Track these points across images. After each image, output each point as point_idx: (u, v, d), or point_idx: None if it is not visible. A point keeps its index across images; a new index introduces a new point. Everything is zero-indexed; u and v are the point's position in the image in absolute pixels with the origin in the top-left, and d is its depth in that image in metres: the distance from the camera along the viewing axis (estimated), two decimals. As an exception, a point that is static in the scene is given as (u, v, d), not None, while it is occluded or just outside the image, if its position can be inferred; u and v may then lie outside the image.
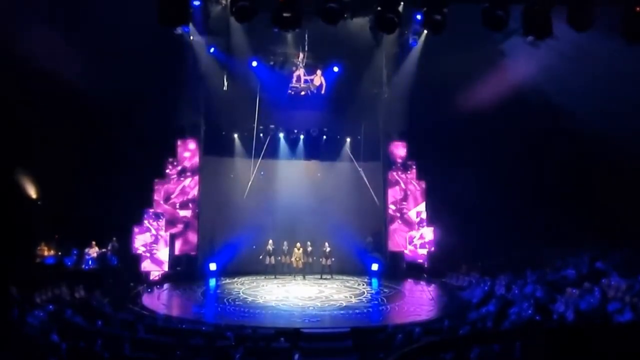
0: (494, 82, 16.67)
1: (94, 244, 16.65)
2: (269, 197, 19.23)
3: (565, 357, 4.96)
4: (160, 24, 9.81)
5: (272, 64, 18.37)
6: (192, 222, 18.88)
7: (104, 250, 16.85)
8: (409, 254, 19.54)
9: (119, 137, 16.56)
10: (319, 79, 17.43)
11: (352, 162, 19.92)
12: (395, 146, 20.19)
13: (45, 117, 15.40)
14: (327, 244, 18.37)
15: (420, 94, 17.90)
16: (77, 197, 16.39)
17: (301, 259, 18.37)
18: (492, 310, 12.71)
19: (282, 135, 19.88)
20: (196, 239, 18.88)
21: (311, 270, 18.53)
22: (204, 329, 11.55)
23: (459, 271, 17.56)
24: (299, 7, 9.71)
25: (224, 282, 17.69)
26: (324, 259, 18.36)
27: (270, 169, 19.75)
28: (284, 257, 18.47)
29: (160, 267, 17.61)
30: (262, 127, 19.20)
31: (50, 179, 16.51)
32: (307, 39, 16.88)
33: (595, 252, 15.31)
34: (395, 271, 19.19)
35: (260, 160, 19.23)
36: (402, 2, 10.41)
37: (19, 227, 14.28)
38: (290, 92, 17.55)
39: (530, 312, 11.63)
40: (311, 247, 18.51)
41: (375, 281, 18.07)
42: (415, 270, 19.16)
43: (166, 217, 18.04)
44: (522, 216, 17.44)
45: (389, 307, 14.79)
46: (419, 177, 19.90)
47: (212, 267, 18.41)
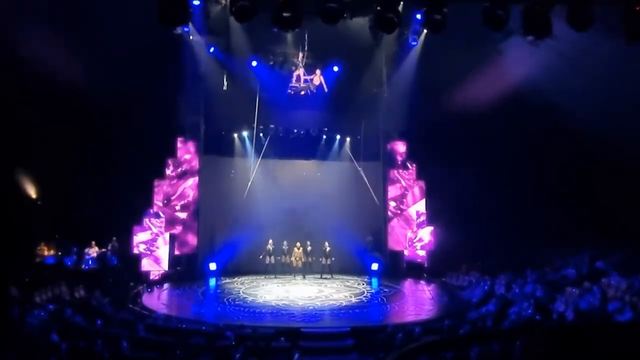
0: (494, 81, 16.66)
1: (93, 244, 16.69)
2: (269, 197, 19.21)
3: (565, 357, 4.97)
4: (160, 24, 9.79)
5: (271, 63, 18.33)
6: (191, 221, 18.89)
7: (104, 250, 16.88)
8: (408, 254, 19.55)
9: (119, 137, 16.55)
10: (318, 79, 17.41)
11: (352, 161, 19.94)
12: (395, 146, 20.21)
13: (45, 117, 15.39)
14: (327, 243, 18.38)
15: (420, 94, 17.89)
16: (77, 197, 16.39)
17: (301, 258, 18.38)
18: (492, 309, 12.72)
19: (281, 134, 19.87)
20: (196, 238, 18.90)
21: (311, 269, 18.54)
22: (204, 328, 11.53)
23: (459, 271, 17.56)
24: (298, 7, 9.69)
25: (224, 281, 17.69)
26: (324, 259, 18.37)
27: (270, 168, 19.75)
28: (284, 257, 18.49)
29: (160, 266, 17.62)
30: (262, 127, 19.21)
31: (50, 179, 16.51)
32: (306, 38, 16.86)
33: (595, 252, 15.31)
34: (395, 271, 19.21)
35: (260, 159, 19.25)
36: (402, 2, 10.41)
37: (19, 227, 14.29)
38: (290, 92, 17.53)
39: (530, 311, 11.63)
40: (311, 246, 18.52)
41: (375, 281, 18.07)
42: (415, 269, 19.18)
43: (166, 217, 18.04)
44: (522, 216, 17.44)
45: (388, 306, 14.81)
46: (419, 176, 19.91)
47: (212, 266, 18.42)
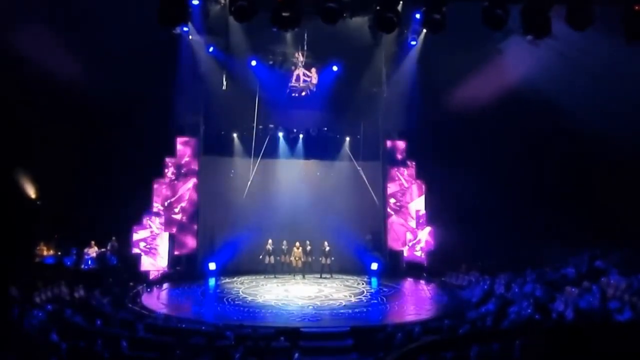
0: (493, 81, 16.66)
1: (93, 244, 16.69)
2: (269, 197, 19.21)
3: (564, 356, 4.97)
4: (159, 24, 9.78)
5: (271, 63, 18.34)
6: (191, 221, 18.88)
7: (103, 250, 16.89)
8: (408, 254, 19.54)
9: (119, 137, 16.54)
10: (314, 77, 17.42)
11: (352, 161, 19.92)
12: (394, 145, 20.19)
13: (45, 117, 15.40)
14: (326, 243, 18.35)
15: (419, 93, 17.91)
16: (76, 197, 16.40)
17: (301, 258, 18.35)
18: (492, 309, 12.72)
19: (281, 134, 19.86)
20: (195, 238, 18.87)
21: (311, 269, 18.51)
22: (203, 328, 11.52)
23: (459, 270, 17.55)
24: (298, 6, 9.68)
25: (223, 281, 17.67)
26: (324, 258, 18.35)
27: (269, 168, 19.73)
28: (284, 257, 18.45)
29: (159, 266, 17.62)
30: (261, 127, 19.21)
31: (50, 179, 16.51)
32: (306, 38, 16.87)
33: (595, 252, 15.31)
34: (394, 270, 19.19)
35: (259, 159, 19.25)
36: (401, 2, 10.40)
37: (19, 227, 14.30)
38: (289, 91, 17.53)
39: (529, 311, 11.63)
40: (310, 246, 18.49)
41: (374, 280, 18.06)
42: (414, 269, 19.17)
43: (165, 217, 18.05)
44: (522, 216, 17.43)
45: (388, 306, 14.79)
46: (418, 176, 19.88)
47: (212, 266, 18.40)
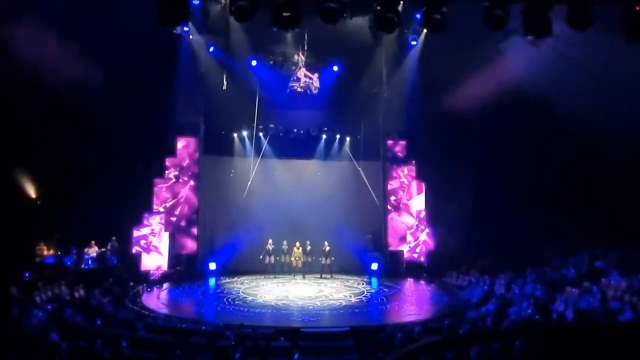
0: (494, 81, 16.65)
1: (93, 244, 16.69)
2: (269, 197, 19.20)
3: (564, 357, 4.96)
4: (159, 24, 9.77)
5: (271, 63, 18.33)
6: (191, 221, 18.88)
7: (103, 249, 16.88)
8: (408, 254, 19.54)
9: (119, 137, 16.54)
10: (316, 81, 17.42)
11: (352, 161, 19.94)
12: (394, 145, 20.19)
13: (45, 117, 15.39)
14: (326, 243, 18.36)
15: (420, 93, 17.90)
16: (76, 197, 16.38)
17: (301, 258, 18.37)
18: (492, 309, 12.71)
19: (281, 134, 19.86)
20: (195, 238, 18.87)
21: (311, 269, 18.52)
22: (203, 328, 11.52)
23: (459, 270, 17.56)
24: (298, 6, 9.66)
25: (223, 281, 17.68)
26: (324, 258, 18.36)
27: (270, 168, 19.73)
28: (284, 257, 18.47)
29: (159, 265, 17.63)
30: (261, 127, 19.21)
31: (50, 179, 16.50)
32: (306, 38, 16.86)
33: (595, 252, 15.30)
34: (394, 270, 19.20)
35: (259, 159, 19.24)
36: (402, 2, 10.39)
37: (19, 227, 14.29)
38: (290, 91, 17.53)
39: (529, 311, 11.62)
40: (311, 246, 18.51)
41: (374, 280, 18.06)
42: (414, 269, 19.17)
43: (166, 216, 18.05)
44: (522, 216, 17.42)
45: (388, 306, 14.80)
46: (419, 176, 19.88)
47: (212, 266, 18.41)
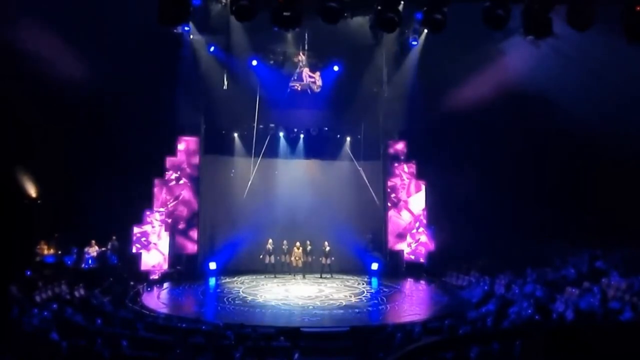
0: (494, 81, 16.65)
1: (93, 243, 16.66)
2: (269, 196, 19.21)
3: (564, 357, 4.96)
4: (160, 24, 9.78)
5: (272, 62, 18.35)
6: (191, 221, 18.87)
7: (103, 249, 16.87)
8: (408, 254, 19.53)
9: (120, 136, 16.54)
10: (318, 80, 17.42)
11: (352, 161, 19.92)
12: (395, 145, 20.18)
13: (45, 117, 15.39)
14: (326, 243, 18.35)
15: (420, 93, 17.91)
16: (77, 197, 16.38)
17: (301, 258, 18.36)
18: (492, 309, 12.72)
19: (282, 134, 19.86)
20: (196, 238, 18.86)
21: (311, 269, 18.51)
22: (204, 327, 11.52)
23: (459, 270, 17.56)
24: (299, 6, 9.67)
25: (223, 281, 17.67)
26: (324, 258, 18.35)
27: (270, 168, 19.74)
28: (284, 256, 18.46)
29: (159, 264, 17.62)
30: (262, 126, 19.21)
31: (50, 178, 16.51)
32: (307, 38, 16.86)
33: (595, 252, 15.31)
34: (395, 270, 19.19)
35: (260, 159, 19.24)
36: (403, 1, 10.39)
37: (19, 226, 14.29)
38: (290, 90, 17.53)
39: (530, 311, 11.63)
40: (311, 246, 18.49)
41: (375, 280, 18.06)
42: (415, 269, 19.17)
43: (166, 216, 18.05)
44: (522, 216, 17.43)
45: (388, 306, 14.80)
46: (419, 176, 19.87)
47: (212, 266, 18.42)
